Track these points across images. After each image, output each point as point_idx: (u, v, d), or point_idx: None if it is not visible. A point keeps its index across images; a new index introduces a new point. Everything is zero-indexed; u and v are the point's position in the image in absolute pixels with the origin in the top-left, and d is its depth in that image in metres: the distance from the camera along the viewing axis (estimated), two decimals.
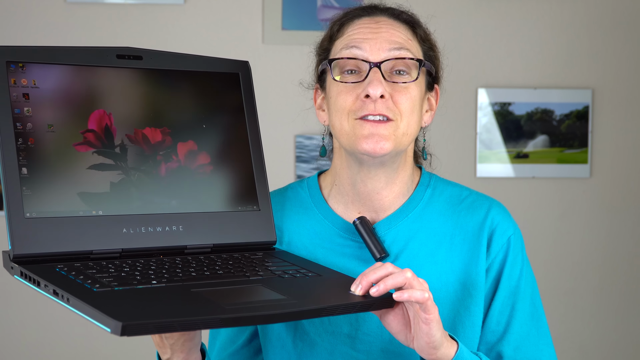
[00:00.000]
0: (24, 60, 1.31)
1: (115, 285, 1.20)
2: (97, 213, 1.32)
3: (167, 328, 1.12)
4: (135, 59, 1.40)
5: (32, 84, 1.31)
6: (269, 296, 1.25)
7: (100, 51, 1.38)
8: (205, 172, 1.42)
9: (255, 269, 1.35)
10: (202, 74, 1.46)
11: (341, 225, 1.52)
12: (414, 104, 1.45)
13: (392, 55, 1.44)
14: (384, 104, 1.42)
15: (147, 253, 1.35)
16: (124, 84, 1.38)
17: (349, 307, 1.26)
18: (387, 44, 1.44)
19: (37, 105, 1.30)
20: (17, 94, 1.29)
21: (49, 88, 1.31)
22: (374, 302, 1.27)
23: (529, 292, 1.52)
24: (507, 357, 1.49)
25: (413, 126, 1.46)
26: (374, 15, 1.49)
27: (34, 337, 3.18)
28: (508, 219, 1.53)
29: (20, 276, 1.24)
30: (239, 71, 1.49)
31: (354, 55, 1.45)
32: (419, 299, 1.25)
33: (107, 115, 1.35)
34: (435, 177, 1.57)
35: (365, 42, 1.45)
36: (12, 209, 1.25)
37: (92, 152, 1.33)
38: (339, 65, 1.46)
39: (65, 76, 1.33)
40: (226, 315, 1.15)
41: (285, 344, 1.52)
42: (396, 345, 1.46)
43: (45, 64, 1.32)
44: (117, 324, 1.07)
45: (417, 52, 1.48)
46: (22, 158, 1.27)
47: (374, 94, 1.41)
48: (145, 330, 1.10)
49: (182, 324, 1.13)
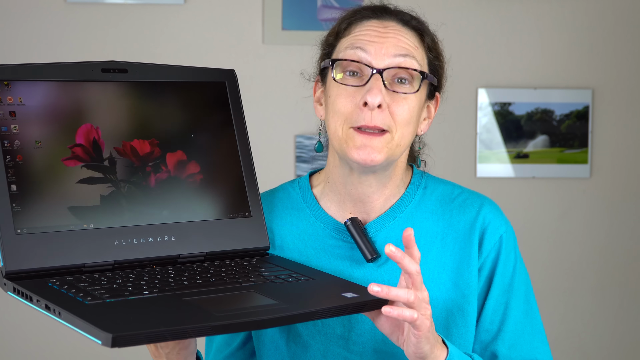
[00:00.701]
0: (8, 79, 1.31)
1: (107, 297, 1.21)
2: (88, 226, 1.32)
3: (158, 338, 1.13)
4: (120, 72, 1.41)
5: (18, 102, 1.31)
6: (260, 302, 1.26)
7: (86, 66, 1.38)
8: (195, 181, 1.43)
9: (248, 275, 1.35)
10: (188, 84, 1.46)
11: (333, 226, 1.52)
12: (412, 115, 1.44)
13: (395, 62, 1.43)
14: (381, 115, 1.41)
15: (140, 264, 1.35)
16: (110, 97, 1.39)
17: (341, 309, 1.27)
18: (393, 50, 1.43)
19: (24, 122, 1.30)
20: (4, 111, 1.30)
21: (35, 105, 1.32)
22: (365, 303, 1.28)
23: (522, 289, 1.52)
24: (502, 356, 1.49)
25: (407, 137, 1.46)
26: (383, 19, 1.48)
27: (31, 343, 3.19)
28: (500, 217, 1.52)
29: (13, 292, 1.25)
30: (225, 80, 1.49)
31: (357, 58, 1.44)
32: (407, 318, 1.25)
33: (95, 129, 1.36)
34: (427, 176, 1.57)
35: (371, 45, 1.44)
36: (3, 225, 1.26)
37: (81, 166, 1.33)
38: (341, 65, 1.45)
39: (51, 92, 1.34)
40: (217, 322, 1.16)
41: (279, 347, 1.52)
42: (389, 345, 1.47)
43: (31, 80, 1.33)
44: (107, 336, 1.08)
45: (422, 60, 1.47)
46: (11, 175, 1.28)
47: (372, 103, 1.40)
48: (136, 341, 1.10)
49: (172, 333, 1.13)
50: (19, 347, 3.18)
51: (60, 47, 3.13)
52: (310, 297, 1.31)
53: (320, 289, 1.35)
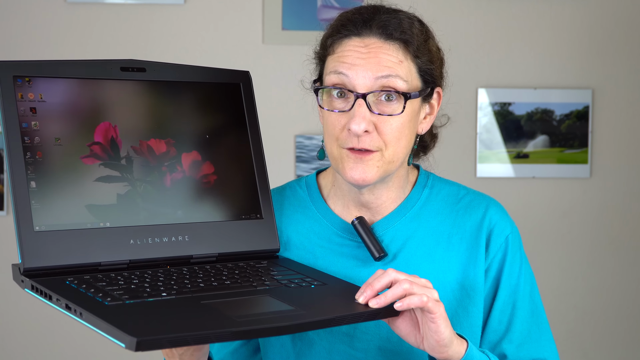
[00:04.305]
0: (30, 75, 1.32)
1: (126, 298, 1.21)
2: (104, 225, 1.33)
3: (180, 342, 1.14)
4: (139, 71, 1.42)
5: (39, 98, 1.32)
6: (277, 307, 1.27)
7: (105, 64, 1.39)
8: (209, 181, 1.44)
9: (262, 279, 1.36)
10: (204, 85, 1.47)
11: (340, 225, 1.53)
12: (401, 131, 1.44)
13: (378, 84, 1.41)
14: (368, 138, 1.42)
15: (154, 263, 1.36)
16: (128, 96, 1.40)
17: (356, 316, 1.28)
18: (374, 72, 1.42)
19: (44, 119, 1.31)
20: (25, 108, 1.30)
21: (55, 102, 1.33)
22: (379, 311, 1.29)
23: (528, 289, 1.54)
24: (510, 356, 1.50)
25: (401, 151, 1.46)
26: (364, 36, 1.44)
27: (36, 340, 3.18)
28: (505, 218, 1.54)
29: (31, 290, 1.26)
30: (240, 81, 1.51)
31: (341, 83, 1.43)
32: (417, 304, 1.27)
33: (113, 128, 1.36)
34: (432, 176, 1.58)
35: (353, 68, 1.42)
36: (22, 222, 1.27)
37: (99, 165, 1.34)
38: (326, 89, 1.46)
39: (71, 89, 1.35)
40: (238, 328, 1.17)
41: (285, 343, 1.53)
42: (394, 343, 1.48)
43: (51, 77, 1.33)
44: (131, 340, 1.08)
45: (409, 73, 1.44)
46: (30, 172, 1.29)
47: (355, 130, 1.41)
48: (159, 345, 1.12)
49: (195, 338, 1.14)
50: (22, 343, 3.18)
51: (60, 47, 3.12)
52: (326, 304, 1.33)
53: (334, 296, 1.36)
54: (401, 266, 1.49)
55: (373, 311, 1.29)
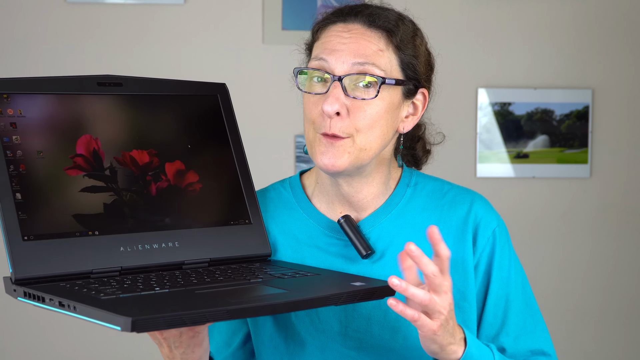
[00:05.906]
0: (7, 91, 1.34)
1: (119, 293, 1.23)
2: (93, 233, 1.35)
3: (176, 322, 1.15)
4: (115, 86, 1.44)
5: (19, 114, 1.34)
6: (272, 291, 1.29)
7: (81, 80, 1.41)
8: (195, 189, 1.46)
9: (255, 274, 1.39)
10: (182, 98, 1.50)
11: (326, 224, 1.54)
12: (375, 120, 1.44)
13: (354, 70, 1.43)
14: (340, 122, 1.43)
15: (146, 270, 1.38)
16: (108, 109, 1.42)
17: (352, 295, 1.31)
18: (352, 58, 1.43)
19: (25, 133, 1.33)
20: (5, 123, 1.32)
21: (34, 117, 1.35)
22: (374, 291, 1.32)
23: (519, 281, 1.55)
24: (509, 349, 1.52)
25: (375, 141, 1.46)
26: (348, 22, 1.46)
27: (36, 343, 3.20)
28: (491, 212, 1.54)
29: (23, 297, 1.27)
30: (217, 93, 1.54)
31: (320, 67, 1.45)
32: (408, 316, 1.27)
33: (94, 140, 1.38)
34: (416, 173, 1.59)
35: (332, 54, 1.44)
36: (10, 233, 1.28)
37: (83, 176, 1.36)
38: (309, 72, 1.47)
39: (50, 105, 1.37)
40: (232, 306, 1.20)
41: (278, 345, 1.54)
42: (386, 341, 1.49)
43: (29, 94, 1.36)
44: (126, 320, 1.10)
45: (388, 63, 1.45)
46: (15, 184, 1.30)
47: (328, 111, 1.42)
48: (155, 325, 1.13)
49: (191, 317, 1.16)
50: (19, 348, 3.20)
51: (60, 47, 3.13)
52: (320, 287, 1.36)
53: (329, 281, 1.39)
54: (389, 263, 1.50)
55: (368, 290, 1.31)
